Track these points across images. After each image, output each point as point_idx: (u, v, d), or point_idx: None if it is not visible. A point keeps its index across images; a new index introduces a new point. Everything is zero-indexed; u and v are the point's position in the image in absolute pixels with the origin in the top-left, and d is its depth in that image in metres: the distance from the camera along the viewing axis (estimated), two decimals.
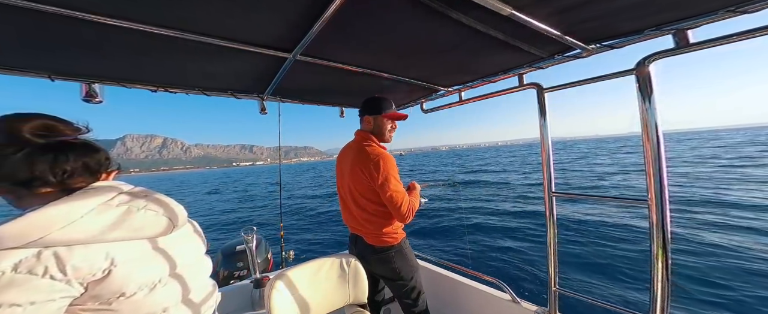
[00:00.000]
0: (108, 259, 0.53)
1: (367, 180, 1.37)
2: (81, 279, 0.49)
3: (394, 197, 1.33)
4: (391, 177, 1.34)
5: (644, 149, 0.99)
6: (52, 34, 0.86)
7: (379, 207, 1.41)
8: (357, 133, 1.55)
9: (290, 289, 1.32)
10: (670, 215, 0.97)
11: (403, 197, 1.35)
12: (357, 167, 1.40)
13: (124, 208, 0.57)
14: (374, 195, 1.39)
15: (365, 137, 1.49)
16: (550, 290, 1.35)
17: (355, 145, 1.49)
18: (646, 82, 0.98)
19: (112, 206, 0.56)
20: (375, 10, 0.85)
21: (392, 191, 1.33)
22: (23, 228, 0.46)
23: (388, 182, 1.33)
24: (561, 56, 1.22)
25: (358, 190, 1.43)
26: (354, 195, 1.46)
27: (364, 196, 1.42)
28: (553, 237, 1.35)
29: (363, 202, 1.43)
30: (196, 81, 1.42)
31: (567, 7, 0.86)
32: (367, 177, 1.36)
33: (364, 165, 1.36)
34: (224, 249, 3.03)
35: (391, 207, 1.35)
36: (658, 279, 0.99)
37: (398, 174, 1.39)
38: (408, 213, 1.36)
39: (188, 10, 0.81)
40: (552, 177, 1.32)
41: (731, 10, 0.83)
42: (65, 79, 1.21)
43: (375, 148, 1.42)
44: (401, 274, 1.44)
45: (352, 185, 1.45)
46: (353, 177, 1.43)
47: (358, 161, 1.40)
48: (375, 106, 1.48)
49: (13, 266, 0.44)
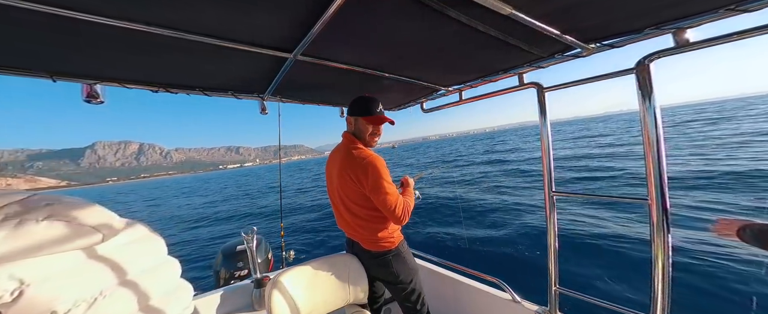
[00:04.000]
0: (13, 280, 0.47)
1: (356, 186, 1.33)
2: None
3: (387, 200, 1.27)
4: (381, 181, 1.28)
5: (644, 149, 0.98)
6: (53, 35, 0.87)
7: (372, 211, 1.36)
8: (344, 134, 1.49)
9: (290, 289, 1.32)
10: (671, 215, 0.97)
11: (396, 199, 1.30)
12: (345, 172, 1.35)
13: (15, 221, 0.50)
14: (366, 200, 1.34)
15: (352, 139, 1.43)
16: (551, 289, 1.35)
17: (343, 148, 1.44)
18: (646, 81, 0.98)
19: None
20: (375, 9, 0.85)
21: (384, 195, 1.27)
22: None
23: (378, 187, 1.27)
24: (561, 55, 1.22)
25: (349, 196, 1.39)
26: (345, 201, 1.42)
27: (356, 202, 1.38)
28: (553, 236, 1.35)
29: (355, 208, 1.39)
30: (197, 81, 1.43)
31: (567, 7, 0.86)
32: (356, 182, 1.32)
33: (352, 171, 1.32)
34: (224, 249, 3.04)
35: (385, 210, 1.29)
36: (658, 279, 0.99)
37: (389, 175, 1.33)
38: (403, 215, 1.31)
39: (190, 11, 0.81)
40: (552, 177, 1.32)
41: (731, 9, 0.82)
42: (67, 80, 1.21)
43: (362, 151, 1.36)
44: (400, 278, 1.42)
45: (342, 191, 1.41)
46: (342, 182, 1.39)
47: (346, 166, 1.35)
48: (357, 107, 1.41)
49: None
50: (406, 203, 1.34)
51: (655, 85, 0.98)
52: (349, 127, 1.47)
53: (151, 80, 1.34)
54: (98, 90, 1.25)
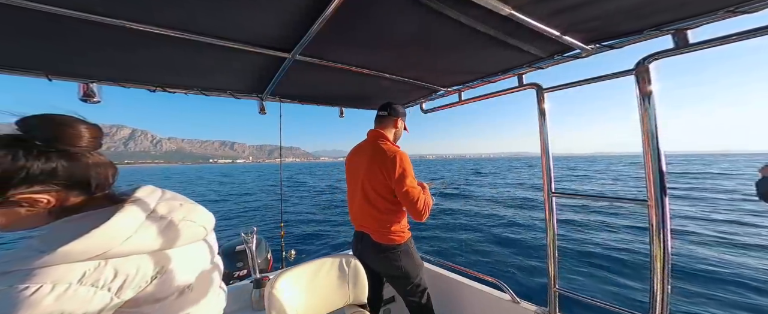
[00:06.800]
0: (156, 268, 0.56)
1: (383, 177, 1.39)
2: (134, 287, 0.52)
3: (411, 192, 1.34)
4: (407, 173, 1.36)
5: (644, 150, 0.98)
6: (50, 34, 0.86)
7: (391, 205, 1.42)
8: (370, 132, 1.58)
9: (290, 289, 1.31)
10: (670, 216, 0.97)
11: (419, 193, 1.36)
12: (375, 163, 1.42)
13: (167, 220, 0.61)
14: (388, 192, 1.40)
15: (380, 136, 1.53)
16: (550, 290, 1.35)
17: (370, 143, 1.52)
18: (645, 83, 0.98)
19: (157, 218, 0.59)
20: (374, 9, 0.85)
21: (408, 187, 1.35)
22: (89, 245, 0.48)
23: (405, 177, 1.35)
24: (560, 56, 1.22)
25: (373, 187, 1.44)
26: (367, 192, 1.47)
27: (378, 193, 1.43)
28: (552, 237, 1.35)
29: (377, 200, 1.44)
30: (195, 81, 1.42)
31: (566, 7, 0.86)
32: (384, 173, 1.38)
33: (382, 162, 1.39)
34: (224, 249, 3.03)
35: (407, 203, 1.36)
36: (658, 279, 0.99)
37: (414, 173, 1.40)
38: (424, 210, 1.37)
39: (187, 11, 0.81)
40: (552, 177, 1.32)
41: (731, 10, 0.82)
42: (63, 79, 1.20)
43: (391, 146, 1.47)
44: (408, 272, 1.45)
45: (367, 182, 1.46)
46: (370, 173, 1.45)
47: (376, 158, 1.42)
48: (400, 110, 1.58)
49: (79, 279, 0.47)
50: (426, 200, 1.41)
51: (655, 85, 0.98)
52: (393, 127, 1.58)
53: (149, 80, 1.33)
54: (94, 89, 1.24)
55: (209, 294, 0.71)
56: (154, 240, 0.57)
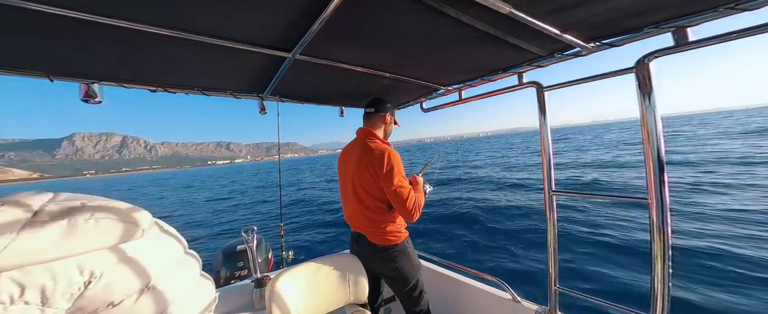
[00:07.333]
0: (85, 272, 0.50)
1: (372, 176, 1.37)
2: (63, 294, 0.46)
3: (399, 192, 1.32)
4: (395, 171, 1.34)
5: (644, 148, 0.98)
6: (51, 34, 0.86)
7: (383, 204, 1.41)
8: (360, 130, 1.56)
9: (291, 289, 1.32)
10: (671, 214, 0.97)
11: (408, 192, 1.34)
12: (363, 162, 1.41)
13: (65, 220, 0.51)
14: (379, 192, 1.39)
15: (368, 134, 1.51)
16: (551, 289, 1.35)
17: (360, 142, 1.50)
18: (646, 80, 0.98)
19: (46, 219, 0.50)
20: (374, 8, 0.85)
21: (397, 186, 1.32)
22: None
23: (392, 175, 1.33)
24: (560, 54, 1.22)
25: (363, 187, 1.43)
26: (358, 192, 1.46)
27: (369, 193, 1.41)
28: (553, 236, 1.34)
29: (367, 200, 1.42)
30: (195, 81, 1.42)
31: (566, 5, 0.86)
32: (371, 172, 1.37)
33: (369, 161, 1.38)
34: (225, 249, 3.03)
35: (397, 202, 1.33)
36: (658, 279, 0.99)
37: (403, 171, 1.39)
38: (414, 210, 1.34)
39: (188, 11, 0.81)
40: (552, 176, 1.32)
41: (731, 7, 0.82)
42: (64, 80, 1.20)
43: (380, 144, 1.45)
44: (404, 274, 1.43)
45: (357, 181, 1.45)
46: (359, 173, 1.43)
47: (365, 157, 1.41)
48: (389, 105, 1.57)
49: None
50: (417, 199, 1.38)
51: (655, 83, 0.97)
52: (382, 123, 1.56)
53: (149, 80, 1.33)
54: (96, 89, 1.24)
55: (185, 287, 0.66)
56: (54, 244, 0.48)
